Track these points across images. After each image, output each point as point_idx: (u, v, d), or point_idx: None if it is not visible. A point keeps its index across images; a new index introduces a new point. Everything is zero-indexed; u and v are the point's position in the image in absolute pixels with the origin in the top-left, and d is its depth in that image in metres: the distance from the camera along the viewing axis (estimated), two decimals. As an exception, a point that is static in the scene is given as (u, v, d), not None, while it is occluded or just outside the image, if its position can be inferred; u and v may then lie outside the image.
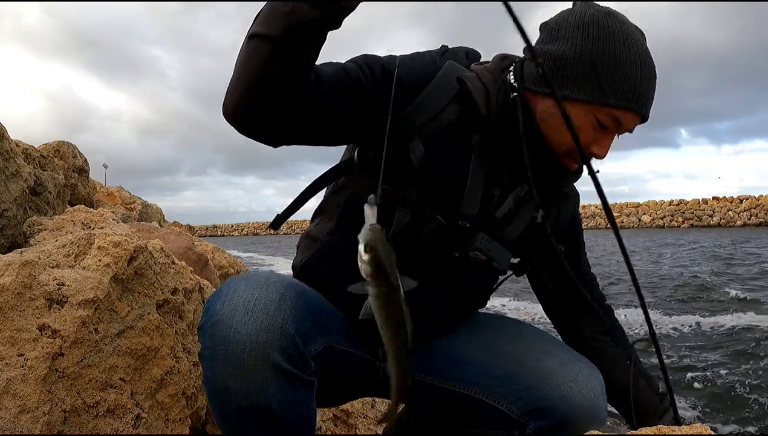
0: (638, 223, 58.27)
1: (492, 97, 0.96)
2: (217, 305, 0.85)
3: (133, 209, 4.48)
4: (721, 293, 8.74)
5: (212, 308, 0.86)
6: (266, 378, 0.80)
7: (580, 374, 1.00)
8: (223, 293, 0.87)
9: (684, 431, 0.81)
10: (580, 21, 0.91)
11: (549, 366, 1.01)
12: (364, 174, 0.96)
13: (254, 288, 0.85)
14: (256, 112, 0.81)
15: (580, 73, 0.90)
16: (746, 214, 51.44)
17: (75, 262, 1.20)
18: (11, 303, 1.03)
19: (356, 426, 1.73)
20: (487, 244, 0.98)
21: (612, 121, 0.92)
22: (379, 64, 0.91)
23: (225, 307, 0.83)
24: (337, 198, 1.05)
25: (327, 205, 1.08)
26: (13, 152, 1.72)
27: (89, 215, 1.87)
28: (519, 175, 0.99)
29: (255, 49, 0.76)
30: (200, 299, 1.51)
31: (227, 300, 0.84)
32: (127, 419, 1.13)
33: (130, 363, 1.17)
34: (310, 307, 0.90)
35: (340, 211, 1.02)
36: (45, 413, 0.98)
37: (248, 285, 0.86)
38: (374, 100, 0.89)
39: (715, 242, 23.84)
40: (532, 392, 1.00)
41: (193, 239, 3.10)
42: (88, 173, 3.39)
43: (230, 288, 0.87)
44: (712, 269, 12.13)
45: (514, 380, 1.02)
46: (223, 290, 0.88)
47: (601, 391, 1.01)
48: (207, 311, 0.87)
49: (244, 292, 0.84)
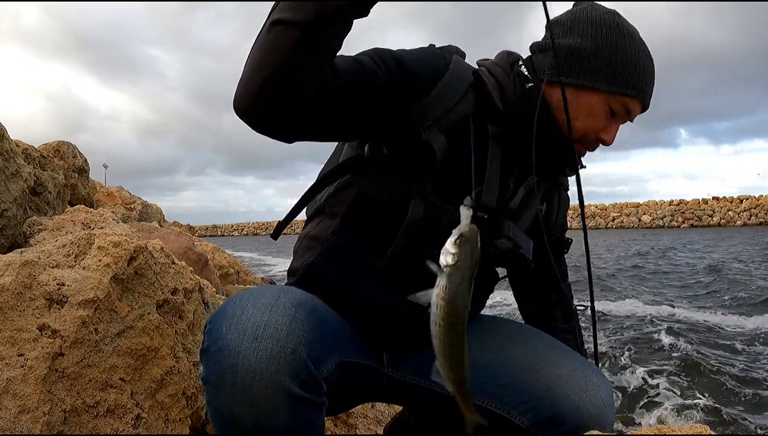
0: (638, 223, 58.25)
1: (508, 89, 0.99)
2: (222, 327, 0.80)
3: (133, 209, 4.48)
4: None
5: (217, 330, 0.80)
6: (276, 405, 0.76)
7: (590, 382, 1.00)
8: (228, 313, 0.81)
9: (684, 431, 0.81)
10: (593, 19, 0.99)
11: (558, 375, 1.01)
12: (372, 171, 0.95)
13: (263, 310, 0.80)
14: (274, 104, 0.77)
15: (597, 64, 0.97)
16: (746, 214, 51.45)
17: (75, 262, 1.20)
18: (11, 303, 1.02)
19: (356, 426, 1.73)
20: (514, 231, 0.98)
21: (622, 108, 0.99)
22: (391, 56, 0.90)
23: (232, 331, 0.79)
24: (340, 197, 1.02)
25: (329, 205, 1.05)
26: (13, 152, 1.72)
27: (89, 215, 1.87)
28: (531, 165, 1.00)
29: (279, 37, 0.73)
30: (200, 299, 1.51)
31: (234, 324, 0.79)
32: (127, 419, 1.13)
33: (130, 363, 1.17)
34: (322, 326, 0.86)
35: (345, 210, 1.00)
36: (45, 413, 0.98)
37: (256, 307, 0.81)
38: (389, 92, 0.88)
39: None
40: (542, 402, 0.99)
41: (193, 238, 3.09)
42: (88, 173, 3.39)
43: (237, 308, 0.82)
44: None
45: (524, 390, 1.01)
46: (228, 309, 0.82)
47: (610, 399, 1.01)
48: (211, 333, 0.81)
49: (252, 315, 0.80)
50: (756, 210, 51.07)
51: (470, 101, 0.97)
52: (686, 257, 16.26)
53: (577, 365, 1.04)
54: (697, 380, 4.36)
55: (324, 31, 0.72)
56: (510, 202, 1.01)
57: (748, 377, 4.31)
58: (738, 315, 6.87)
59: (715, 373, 4.45)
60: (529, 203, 1.05)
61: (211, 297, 1.63)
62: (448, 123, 0.94)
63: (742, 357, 4.99)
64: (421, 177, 0.93)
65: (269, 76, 0.74)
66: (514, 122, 0.98)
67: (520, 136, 0.98)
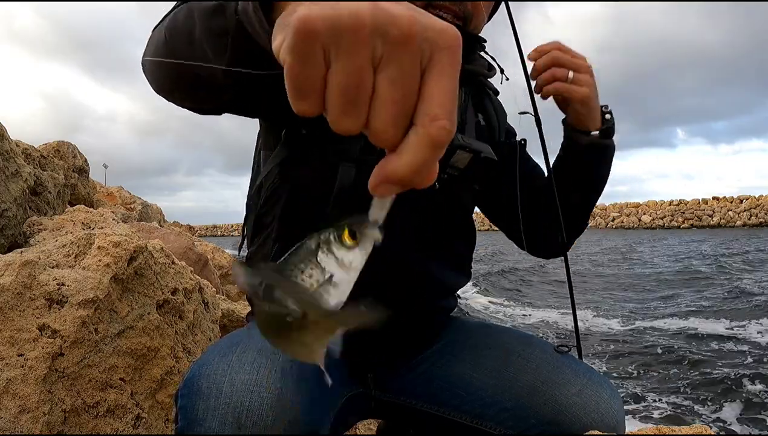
0: (638, 223, 58.27)
1: None
2: (198, 409, 0.70)
3: (133, 209, 4.48)
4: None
5: (192, 411, 0.70)
6: None
7: (601, 400, 0.93)
8: (203, 391, 0.71)
9: (684, 431, 0.81)
10: None
11: (566, 396, 0.92)
12: (297, 161, 0.86)
13: (242, 391, 0.70)
14: (185, 94, 0.68)
15: None
16: (746, 214, 51.48)
17: (75, 262, 1.20)
18: (11, 303, 1.02)
19: (356, 426, 1.73)
20: (464, 138, 0.88)
21: None
22: None
23: (209, 418, 0.69)
24: (272, 201, 0.92)
25: (265, 216, 0.94)
26: (13, 152, 1.72)
27: (89, 215, 1.88)
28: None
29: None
30: (200, 299, 1.51)
31: (211, 407, 0.70)
32: (127, 419, 1.13)
33: (130, 363, 1.17)
34: (315, 385, 0.77)
35: (280, 211, 0.90)
36: (45, 413, 0.98)
37: (234, 385, 0.71)
38: None
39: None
40: (551, 427, 0.91)
41: (193, 239, 3.09)
42: (88, 173, 3.39)
43: (212, 386, 0.71)
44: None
45: (530, 414, 0.93)
46: (202, 386, 0.72)
47: (622, 414, 0.93)
48: (185, 412, 0.71)
49: (231, 397, 0.70)
50: (756, 210, 51.10)
51: None
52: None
53: (585, 381, 0.95)
54: (697, 379, 4.37)
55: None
56: None
57: (749, 376, 4.32)
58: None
59: (715, 373, 4.47)
60: (466, 120, 0.96)
61: (211, 297, 1.63)
62: None
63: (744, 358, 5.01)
64: (346, 139, 0.75)
65: (177, 71, 0.63)
66: None
67: None
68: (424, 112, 0.31)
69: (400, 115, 0.31)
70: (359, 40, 0.29)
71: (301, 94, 0.31)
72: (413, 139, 0.31)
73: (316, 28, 0.29)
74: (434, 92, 0.31)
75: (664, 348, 5.40)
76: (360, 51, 0.30)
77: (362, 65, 0.30)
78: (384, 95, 0.30)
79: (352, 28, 0.29)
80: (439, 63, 0.31)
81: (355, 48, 0.29)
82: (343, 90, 0.30)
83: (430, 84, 0.31)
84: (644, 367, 4.84)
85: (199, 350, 1.39)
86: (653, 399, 4.05)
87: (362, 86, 0.30)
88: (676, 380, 4.44)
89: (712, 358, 5.00)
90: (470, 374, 0.98)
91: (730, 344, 5.49)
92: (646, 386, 4.34)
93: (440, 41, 0.31)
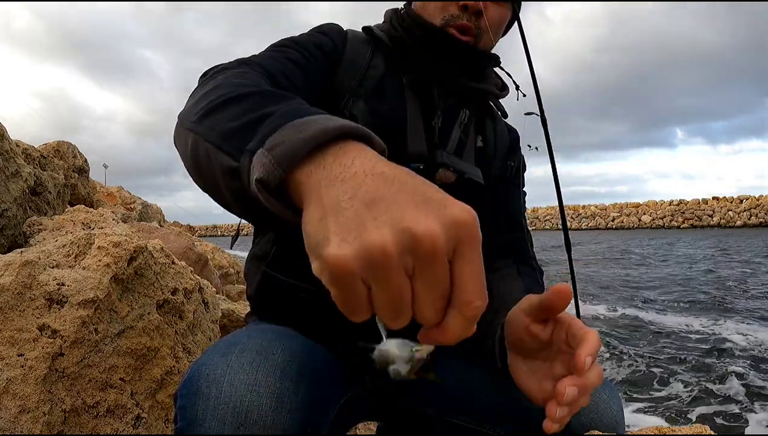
0: (638, 223, 58.27)
1: (390, 24, 0.99)
2: (198, 409, 0.70)
3: (133, 209, 4.48)
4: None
5: (191, 411, 0.71)
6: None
7: (600, 400, 0.93)
8: (203, 391, 0.72)
9: (684, 431, 0.81)
10: None
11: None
12: None
13: (242, 391, 0.70)
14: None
15: None
16: (746, 214, 51.47)
17: (75, 262, 1.20)
18: (11, 303, 1.02)
19: (356, 427, 1.73)
20: (448, 158, 0.92)
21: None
22: (306, 42, 0.89)
23: (209, 418, 0.69)
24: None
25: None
26: (13, 152, 1.72)
27: (89, 215, 1.88)
28: (451, 96, 0.97)
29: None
30: (200, 299, 1.51)
31: (210, 407, 0.70)
32: (127, 419, 1.13)
33: (130, 363, 1.17)
34: (314, 385, 0.76)
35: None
36: (45, 413, 0.98)
37: (233, 385, 0.71)
38: (315, 75, 0.87)
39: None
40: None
41: (193, 239, 3.09)
42: (88, 173, 3.39)
43: (211, 387, 0.72)
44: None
45: (529, 416, 0.92)
46: (201, 386, 0.72)
47: (621, 414, 0.94)
48: (184, 412, 0.72)
49: (231, 396, 0.70)
50: (756, 210, 51.08)
51: (380, 59, 0.96)
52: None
53: None
54: (697, 379, 4.38)
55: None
56: (446, 146, 0.96)
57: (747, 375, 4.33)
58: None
59: (711, 372, 4.48)
60: (467, 140, 0.99)
61: (211, 297, 1.63)
62: (366, 89, 0.92)
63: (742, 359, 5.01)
64: None
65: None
66: (410, 50, 0.96)
67: (430, 73, 0.95)
68: (460, 300, 0.35)
69: (439, 306, 0.36)
70: (391, 268, 0.34)
71: (352, 313, 0.36)
72: (455, 321, 0.36)
73: (351, 269, 0.33)
74: (466, 280, 0.35)
75: (664, 348, 5.41)
76: (393, 277, 0.34)
77: (399, 284, 0.34)
78: (424, 298, 0.35)
79: (383, 262, 0.33)
80: (464, 254, 0.35)
81: (389, 275, 0.34)
82: (387, 306, 0.35)
83: (461, 274, 0.35)
84: (644, 367, 4.85)
85: (199, 350, 1.39)
86: (653, 399, 4.05)
87: (403, 299, 0.35)
88: (676, 380, 4.44)
89: (712, 358, 5.01)
90: (469, 376, 0.98)
91: (731, 344, 5.50)
92: (646, 386, 4.35)
93: (460, 234, 0.35)
